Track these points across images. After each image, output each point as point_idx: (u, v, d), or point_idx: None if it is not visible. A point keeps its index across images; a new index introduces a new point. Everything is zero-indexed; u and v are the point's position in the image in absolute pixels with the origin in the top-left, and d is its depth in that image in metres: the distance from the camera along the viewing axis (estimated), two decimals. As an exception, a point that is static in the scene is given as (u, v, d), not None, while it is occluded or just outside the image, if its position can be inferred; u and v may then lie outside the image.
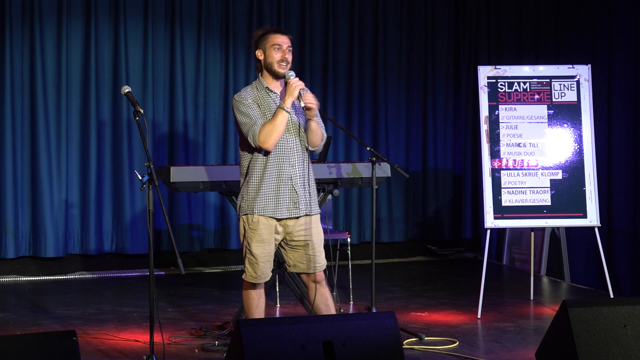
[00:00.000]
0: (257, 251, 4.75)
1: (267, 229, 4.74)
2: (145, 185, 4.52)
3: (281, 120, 4.63)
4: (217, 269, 8.51)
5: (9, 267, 7.97)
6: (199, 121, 8.46)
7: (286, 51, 4.72)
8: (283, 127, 4.65)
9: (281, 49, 4.71)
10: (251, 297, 4.86)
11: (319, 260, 4.81)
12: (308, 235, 4.78)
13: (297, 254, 4.82)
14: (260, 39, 4.78)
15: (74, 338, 3.72)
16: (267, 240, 4.76)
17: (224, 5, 8.53)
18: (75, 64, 8.07)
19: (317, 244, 4.80)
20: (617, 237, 7.79)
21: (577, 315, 4.37)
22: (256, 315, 4.85)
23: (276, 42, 4.71)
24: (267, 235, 4.75)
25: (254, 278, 4.79)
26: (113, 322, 6.19)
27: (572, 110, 6.66)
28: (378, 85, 9.11)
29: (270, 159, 4.72)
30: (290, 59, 4.74)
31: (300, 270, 4.85)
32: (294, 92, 4.63)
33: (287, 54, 4.73)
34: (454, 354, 5.35)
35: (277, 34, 4.75)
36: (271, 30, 4.78)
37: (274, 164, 4.72)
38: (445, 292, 7.47)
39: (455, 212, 9.45)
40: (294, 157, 4.74)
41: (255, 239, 4.75)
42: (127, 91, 4.70)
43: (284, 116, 4.64)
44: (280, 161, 4.72)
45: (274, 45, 4.71)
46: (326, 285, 4.89)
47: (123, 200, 8.18)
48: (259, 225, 4.74)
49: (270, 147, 4.65)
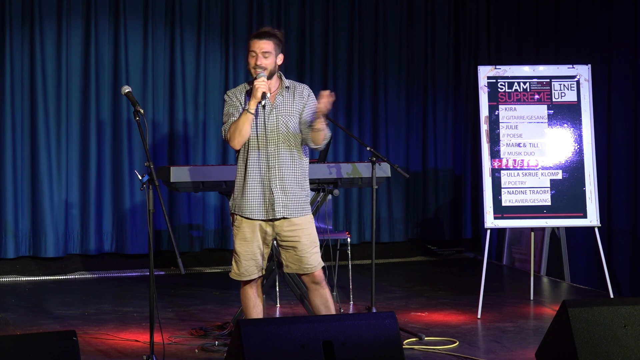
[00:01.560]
0: (240, 249, 4.83)
1: (250, 227, 4.80)
2: (145, 185, 4.52)
3: (243, 121, 4.71)
4: (217, 269, 8.51)
5: (9, 267, 7.97)
6: (199, 121, 8.46)
7: (260, 57, 4.76)
8: (246, 127, 4.71)
9: (255, 56, 4.77)
10: (247, 296, 4.91)
11: (309, 261, 4.81)
12: (295, 237, 4.80)
13: (287, 254, 4.86)
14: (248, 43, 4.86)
15: (74, 338, 3.72)
16: (249, 239, 4.80)
17: (224, 5, 8.53)
18: (75, 64, 8.07)
19: (306, 245, 4.81)
20: (617, 237, 7.79)
21: (577, 315, 4.37)
22: (254, 315, 4.87)
23: (252, 48, 4.78)
24: (249, 234, 4.80)
25: (237, 275, 4.86)
26: (113, 322, 6.19)
27: (572, 110, 6.66)
28: (378, 85, 9.11)
29: (250, 160, 4.79)
30: (265, 63, 4.76)
31: (293, 270, 4.89)
32: (257, 93, 4.70)
33: (260, 59, 4.76)
34: (454, 354, 5.35)
35: (255, 39, 4.80)
36: (252, 35, 4.84)
37: (253, 164, 4.78)
38: (445, 292, 7.47)
39: (455, 212, 9.45)
40: (273, 160, 4.78)
41: (238, 236, 4.83)
42: (127, 91, 4.71)
43: (246, 117, 4.71)
44: (259, 162, 4.78)
45: (250, 52, 4.79)
46: (326, 285, 4.89)
47: (123, 200, 8.18)
48: (241, 224, 4.82)
49: (235, 145, 4.76)
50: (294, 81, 4.97)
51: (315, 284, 4.84)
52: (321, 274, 4.86)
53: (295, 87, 4.90)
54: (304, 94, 4.90)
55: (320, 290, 4.85)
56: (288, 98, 4.84)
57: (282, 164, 4.79)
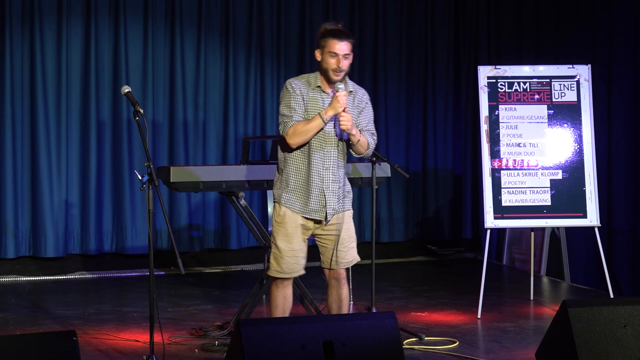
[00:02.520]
0: (282, 245, 4.76)
1: (293, 222, 4.74)
2: (145, 185, 4.52)
3: (315, 126, 4.65)
4: (217, 269, 8.50)
5: (9, 267, 7.96)
6: (199, 121, 8.46)
7: (342, 59, 4.71)
8: (314, 132, 4.66)
9: (337, 57, 4.70)
10: (275, 298, 4.83)
11: (347, 256, 4.81)
12: (337, 231, 4.78)
13: (324, 249, 4.82)
14: (321, 39, 4.75)
15: (74, 338, 3.72)
16: (292, 235, 4.75)
17: (224, 5, 8.53)
18: (75, 64, 8.07)
19: (345, 240, 4.80)
20: (617, 237, 7.79)
21: (577, 315, 4.37)
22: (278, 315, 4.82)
23: (333, 49, 4.70)
24: (292, 229, 4.75)
25: (278, 272, 4.78)
26: (113, 322, 6.19)
27: (572, 110, 6.66)
28: (378, 85, 9.11)
29: (307, 156, 4.73)
30: (346, 65, 4.73)
31: (325, 265, 4.84)
32: (339, 108, 4.63)
33: (342, 61, 4.71)
34: (454, 354, 5.35)
35: (336, 39, 4.71)
36: (332, 34, 4.73)
37: (309, 162, 4.72)
38: (445, 292, 7.47)
39: (455, 212, 9.45)
40: (329, 161, 4.74)
41: (281, 232, 4.76)
42: (127, 91, 4.70)
43: (318, 123, 4.65)
44: (315, 161, 4.72)
45: (330, 52, 4.70)
46: (346, 285, 4.89)
47: (123, 200, 8.18)
48: (285, 218, 4.75)
49: (293, 144, 4.68)
50: (355, 84, 4.93)
51: (335, 280, 4.84)
52: (344, 272, 4.86)
53: (356, 92, 4.89)
54: (363, 100, 4.89)
55: (338, 289, 4.85)
56: (349, 103, 4.80)
57: (335, 166, 4.76)
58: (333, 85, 4.76)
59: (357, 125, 4.79)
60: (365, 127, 4.86)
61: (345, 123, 4.64)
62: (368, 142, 4.82)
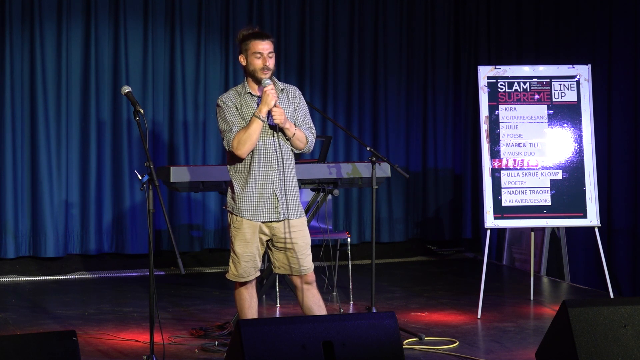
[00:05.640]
0: (240, 250, 4.83)
1: (250, 228, 4.79)
2: (145, 185, 4.53)
3: (255, 129, 4.67)
4: (217, 269, 8.50)
5: (9, 267, 7.96)
6: (199, 121, 8.46)
7: (267, 58, 4.72)
8: (257, 135, 4.68)
9: (262, 57, 4.71)
10: (243, 297, 4.93)
11: (305, 262, 4.82)
12: (291, 239, 4.79)
13: (281, 256, 4.85)
14: (242, 44, 4.77)
15: (74, 338, 3.72)
16: (250, 241, 4.80)
17: (224, 5, 8.53)
18: (75, 64, 8.07)
19: (302, 247, 4.81)
20: (617, 237, 7.79)
21: (577, 315, 4.37)
22: (249, 316, 4.88)
23: (257, 50, 4.71)
24: (250, 235, 4.80)
25: (235, 276, 4.88)
26: (113, 322, 6.19)
27: (572, 110, 6.66)
28: (378, 85, 9.11)
29: (253, 161, 4.75)
30: (272, 64, 4.74)
31: (286, 272, 4.88)
32: (270, 101, 4.65)
33: (268, 60, 4.72)
34: (454, 354, 5.35)
35: (258, 40, 4.73)
36: (251, 36, 4.75)
37: (256, 166, 4.75)
38: (445, 292, 7.47)
39: (455, 212, 9.45)
40: (274, 160, 4.76)
41: (238, 237, 4.82)
42: (127, 91, 4.71)
43: (258, 124, 4.67)
44: (262, 164, 4.75)
45: (255, 53, 4.71)
46: (316, 286, 4.90)
47: (123, 200, 8.18)
48: (242, 224, 4.80)
49: (242, 155, 4.70)
50: (284, 82, 4.96)
51: (307, 284, 4.85)
52: (313, 275, 4.87)
53: (288, 89, 4.89)
54: (296, 95, 4.90)
55: (312, 290, 4.87)
56: (284, 100, 4.83)
57: (283, 166, 4.78)
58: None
59: (294, 121, 4.81)
60: (302, 121, 4.87)
61: (278, 117, 4.65)
62: (306, 136, 4.82)
